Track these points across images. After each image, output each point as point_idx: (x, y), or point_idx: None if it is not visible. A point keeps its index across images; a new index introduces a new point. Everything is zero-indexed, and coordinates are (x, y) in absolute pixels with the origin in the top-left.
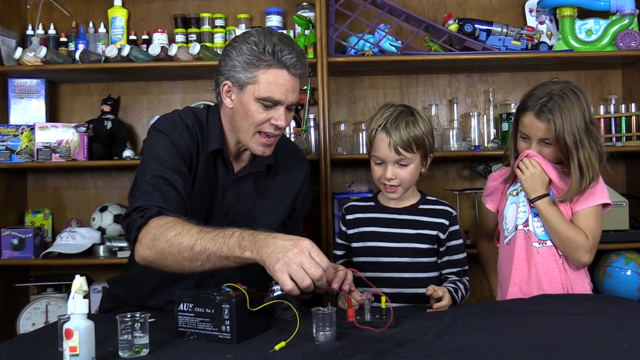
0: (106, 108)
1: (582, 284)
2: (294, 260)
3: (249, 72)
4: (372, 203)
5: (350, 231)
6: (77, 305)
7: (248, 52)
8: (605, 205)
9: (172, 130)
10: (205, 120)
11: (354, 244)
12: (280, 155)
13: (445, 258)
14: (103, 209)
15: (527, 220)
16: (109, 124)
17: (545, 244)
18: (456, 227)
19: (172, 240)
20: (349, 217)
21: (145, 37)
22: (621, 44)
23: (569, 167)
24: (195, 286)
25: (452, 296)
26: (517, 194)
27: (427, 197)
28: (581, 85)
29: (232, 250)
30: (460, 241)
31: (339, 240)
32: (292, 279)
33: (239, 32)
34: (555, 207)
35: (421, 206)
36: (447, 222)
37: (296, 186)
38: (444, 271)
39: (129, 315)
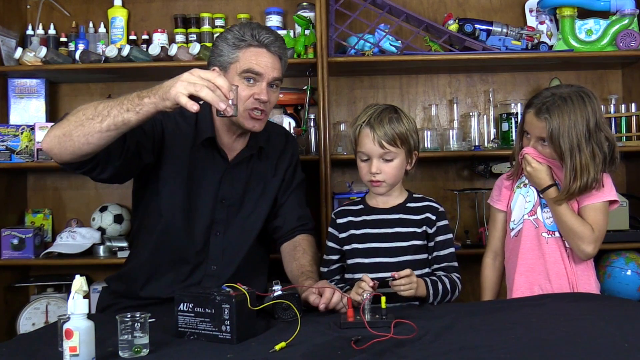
0: None
1: (587, 280)
2: (186, 79)
3: (232, 54)
4: (361, 206)
5: (342, 235)
6: (77, 305)
7: (231, 37)
8: (612, 202)
9: None
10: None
11: (347, 247)
12: (269, 137)
13: (434, 254)
14: (103, 209)
15: (532, 210)
16: None
17: (554, 234)
18: (444, 223)
19: (80, 109)
20: (340, 221)
21: (145, 37)
22: (621, 44)
23: (564, 168)
24: (188, 278)
25: (426, 287)
26: (525, 185)
27: (414, 195)
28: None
29: (131, 100)
30: (448, 236)
31: (330, 244)
32: (193, 98)
33: None
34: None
35: (408, 204)
36: (433, 217)
37: (285, 161)
38: (433, 267)
39: (129, 315)
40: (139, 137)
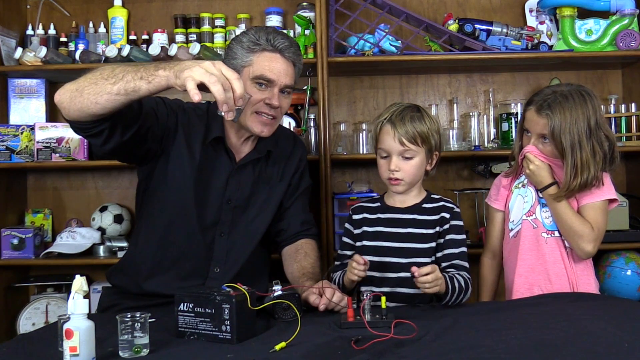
0: None
1: (587, 280)
2: (206, 67)
3: (245, 57)
4: (378, 204)
5: (357, 231)
6: (77, 305)
7: (246, 41)
8: (612, 201)
9: (166, 99)
10: (206, 110)
11: (359, 244)
12: (277, 142)
13: (445, 251)
14: (103, 209)
15: (530, 210)
16: None
17: (553, 234)
18: (458, 222)
19: (100, 67)
20: (355, 217)
21: (145, 37)
22: (621, 44)
23: (564, 165)
24: (190, 276)
25: (446, 282)
26: (523, 186)
27: (432, 196)
28: None
29: (148, 69)
30: (462, 236)
31: (345, 239)
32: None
33: (239, 32)
34: (562, 196)
35: (425, 205)
36: (447, 216)
37: (292, 165)
38: (442, 264)
39: (129, 315)
40: (152, 122)
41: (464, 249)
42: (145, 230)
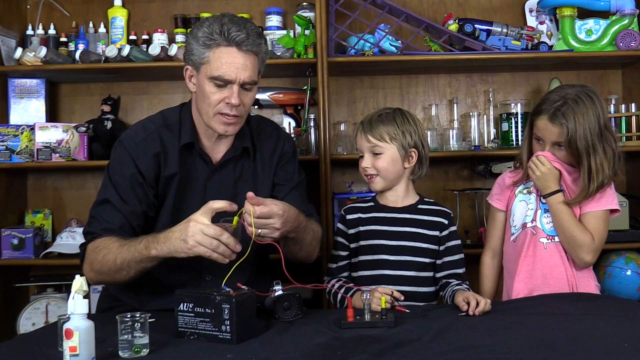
0: (106, 108)
1: (587, 283)
2: (196, 231)
3: (202, 54)
4: (372, 203)
5: (352, 231)
6: (77, 305)
7: (201, 35)
8: (613, 211)
9: (133, 147)
10: (177, 118)
11: (354, 244)
12: (259, 137)
13: (444, 258)
14: None
15: (533, 218)
16: (109, 124)
17: (553, 239)
18: (455, 228)
19: (102, 261)
20: (349, 217)
21: (145, 37)
22: (621, 44)
23: (579, 171)
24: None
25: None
26: (529, 192)
27: (425, 199)
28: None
29: (142, 253)
30: (459, 242)
31: (339, 239)
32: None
33: None
34: (566, 205)
35: (420, 206)
36: (446, 222)
37: (275, 159)
38: (443, 273)
39: (129, 315)
40: (146, 196)
41: (462, 255)
42: None
